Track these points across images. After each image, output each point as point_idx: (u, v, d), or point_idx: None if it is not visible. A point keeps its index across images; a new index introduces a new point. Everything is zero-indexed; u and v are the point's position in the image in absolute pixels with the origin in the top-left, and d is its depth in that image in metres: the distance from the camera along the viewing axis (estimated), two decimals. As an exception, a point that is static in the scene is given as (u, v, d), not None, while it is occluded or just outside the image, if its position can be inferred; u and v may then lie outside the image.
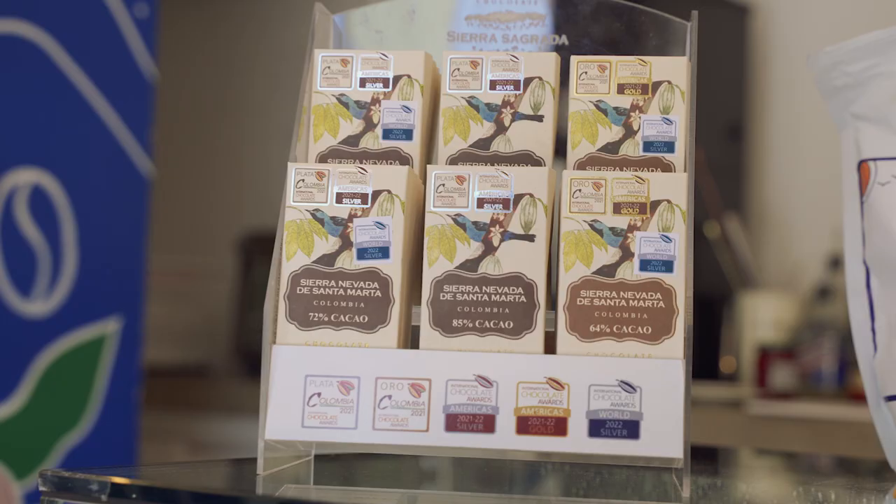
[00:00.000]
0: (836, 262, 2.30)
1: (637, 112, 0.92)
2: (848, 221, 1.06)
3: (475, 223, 0.88)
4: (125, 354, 2.06)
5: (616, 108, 0.93)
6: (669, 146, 0.92)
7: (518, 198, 0.88)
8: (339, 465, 1.00)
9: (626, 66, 0.93)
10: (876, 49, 1.03)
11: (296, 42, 0.96)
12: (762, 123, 2.55)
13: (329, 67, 0.95)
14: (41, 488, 0.87)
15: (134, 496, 0.83)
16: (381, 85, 0.95)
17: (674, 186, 0.87)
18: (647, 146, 0.92)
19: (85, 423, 2.01)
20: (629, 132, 0.92)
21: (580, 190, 0.87)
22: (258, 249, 2.75)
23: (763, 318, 2.30)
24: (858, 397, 2.15)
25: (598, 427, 0.84)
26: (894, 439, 1.03)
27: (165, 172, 2.67)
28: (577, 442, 0.84)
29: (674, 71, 0.93)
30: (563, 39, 0.99)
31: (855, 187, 1.05)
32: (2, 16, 1.91)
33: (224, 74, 3.20)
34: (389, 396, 0.86)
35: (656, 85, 0.93)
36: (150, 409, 2.31)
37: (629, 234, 0.87)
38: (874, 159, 1.03)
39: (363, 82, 0.95)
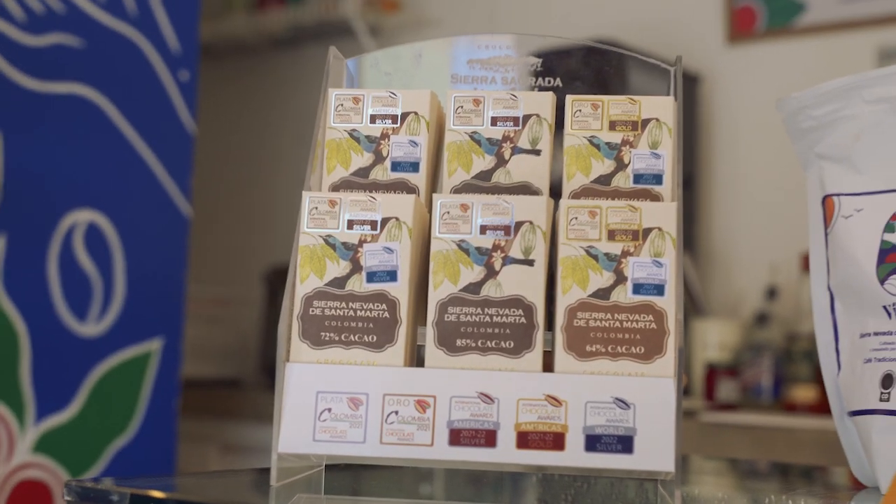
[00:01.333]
0: (772, 293, 2.25)
1: (627, 147, 0.80)
2: (813, 251, 0.94)
3: (478, 248, 0.75)
4: (166, 369, 1.97)
5: (608, 143, 0.80)
6: (658, 178, 0.80)
7: (518, 225, 0.75)
8: (349, 475, 0.87)
9: (617, 105, 0.81)
10: (839, 95, 0.92)
11: (319, 99, 0.84)
12: (708, 175, 2.48)
13: (342, 105, 0.83)
14: (66, 498, 0.74)
15: (153, 506, 0.71)
16: (389, 121, 0.82)
17: (664, 215, 0.75)
18: (637, 178, 0.80)
19: (131, 429, 1.91)
20: (620, 165, 0.80)
21: (577, 218, 0.75)
22: (282, 281, 2.63)
23: (710, 340, 2.24)
24: (791, 408, 2.10)
25: (594, 442, 0.72)
26: (858, 450, 0.91)
27: (203, 214, 2.59)
28: (574, 456, 0.71)
29: (661, 109, 0.81)
30: (558, 81, 0.86)
31: (820, 220, 0.93)
32: (66, 79, 1.84)
33: (255, 129, 3.12)
34: (396, 412, 0.73)
35: (645, 122, 0.81)
36: (188, 417, 2.22)
37: (623, 260, 0.74)
38: (838, 195, 0.92)
39: (373, 118, 0.82)
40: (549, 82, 0.86)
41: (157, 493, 0.70)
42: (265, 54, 3.11)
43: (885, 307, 0.87)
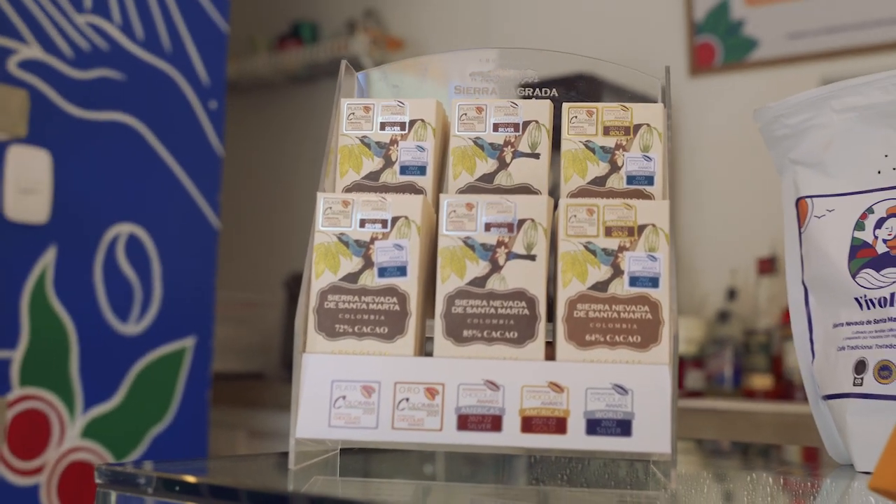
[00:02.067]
0: (732, 294, 2.19)
1: (621, 150, 0.73)
2: (788, 249, 0.87)
3: (483, 245, 0.68)
4: (199, 364, 1.90)
5: (602, 147, 0.73)
6: (649, 179, 0.73)
7: (521, 222, 0.68)
8: (362, 458, 0.79)
9: (610, 112, 0.74)
10: (811, 104, 0.85)
11: (332, 109, 0.77)
12: (675, 191, 2.42)
13: (353, 113, 0.76)
14: (97, 481, 0.66)
15: (177, 489, 0.63)
16: (398, 128, 0.75)
17: (658, 212, 0.68)
18: (630, 180, 0.73)
19: (168, 417, 1.85)
20: (614, 168, 0.73)
21: (575, 215, 0.68)
22: (300, 286, 2.58)
23: (679, 335, 2.17)
24: (750, 394, 2.04)
25: (594, 426, 0.64)
26: (832, 432, 0.84)
27: (230, 227, 2.53)
28: (576, 439, 0.64)
29: (652, 115, 0.74)
30: (554, 92, 0.79)
31: (794, 221, 0.87)
32: (109, 108, 1.78)
33: (276, 153, 3.06)
34: (407, 399, 0.66)
35: (637, 127, 0.74)
36: (219, 406, 2.15)
37: (619, 254, 0.67)
38: (810, 197, 0.85)
39: (383, 126, 0.75)
40: (546, 93, 0.79)
41: (180, 477, 0.63)
42: (284, 89, 3.05)
43: (856, 299, 0.80)
